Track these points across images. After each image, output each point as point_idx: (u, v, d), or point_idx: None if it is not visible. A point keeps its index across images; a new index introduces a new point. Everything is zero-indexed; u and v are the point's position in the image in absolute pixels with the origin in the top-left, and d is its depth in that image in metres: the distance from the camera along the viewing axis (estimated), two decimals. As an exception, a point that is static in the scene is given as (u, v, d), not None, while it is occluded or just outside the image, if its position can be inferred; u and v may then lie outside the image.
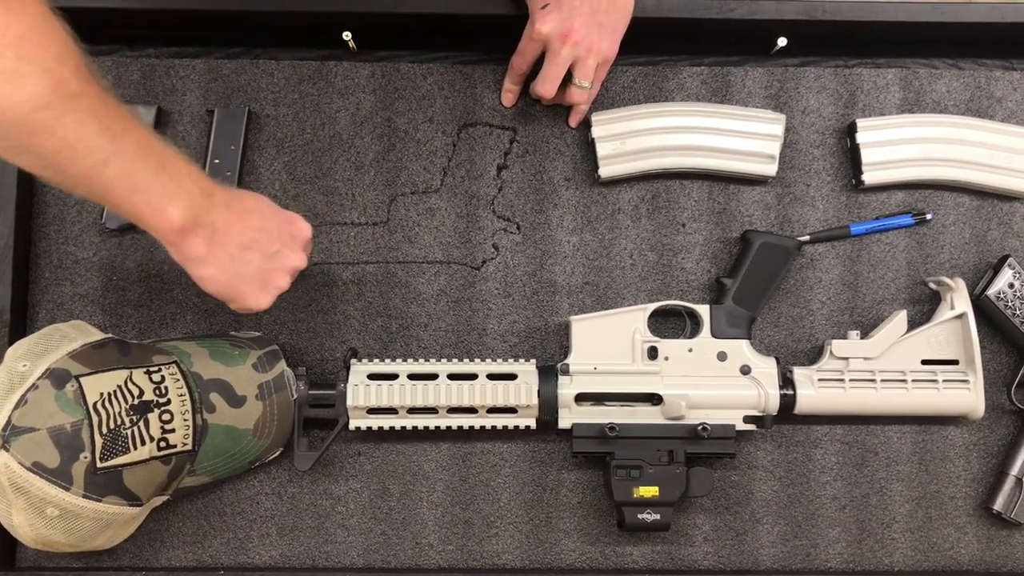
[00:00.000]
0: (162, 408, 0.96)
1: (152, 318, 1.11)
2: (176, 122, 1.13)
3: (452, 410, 1.04)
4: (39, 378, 0.92)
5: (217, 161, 1.11)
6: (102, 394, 0.93)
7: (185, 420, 0.97)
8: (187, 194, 0.83)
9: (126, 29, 1.16)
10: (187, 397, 0.98)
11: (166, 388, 0.97)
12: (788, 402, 1.05)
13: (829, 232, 1.13)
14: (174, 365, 0.99)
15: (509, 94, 1.13)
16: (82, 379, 0.93)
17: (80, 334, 0.99)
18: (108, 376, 0.94)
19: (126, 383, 0.95)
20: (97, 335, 1.00)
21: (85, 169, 0.76)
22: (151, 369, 0.97)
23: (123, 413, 0.93)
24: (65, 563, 1.08)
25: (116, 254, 1.12)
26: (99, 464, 0.91)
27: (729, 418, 1.05)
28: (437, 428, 1.05)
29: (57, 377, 0.92)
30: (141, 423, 0.94)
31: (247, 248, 0.90)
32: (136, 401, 0.94)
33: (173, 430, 0.96)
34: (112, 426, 0.92)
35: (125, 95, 1.13)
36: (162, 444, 0.95)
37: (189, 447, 0.98)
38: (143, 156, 0.79)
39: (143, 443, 0.94)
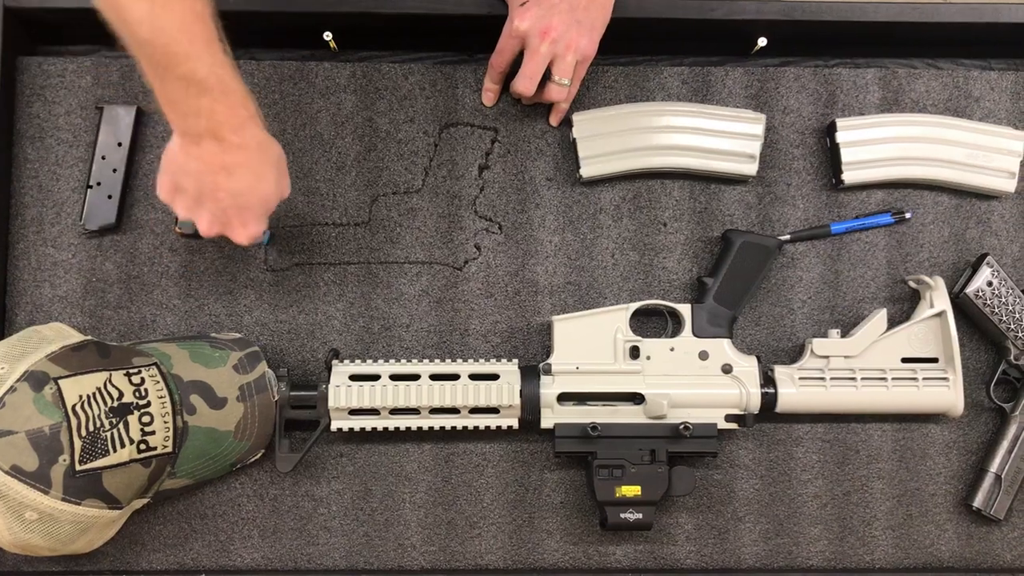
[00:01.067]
0: (142, 410, 0.95)
1: (132, 320, 1.11)
2: (156, 122, 1.12)
3: (434, 411, 1.04)
4: (17, 380, 0.91)
5: (197, 162, 1.10)
6: (81, 396, 0.92)
7: (165, 422, 0.97)
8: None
9: (105, 29, 1.14)
10: (167, 399, 0.97)
11: (146, 390, 0.96)
12: (769, 401, 1.06)
13: (809, 231, 1.14)
14: (154, 367, 0.98)
15: (490, 93, 1.13)
16: (61, 381, 0.92)
17: (59, 336, 0.98)
18: (87, 378, 0.94)
19: (105, 385, 0.94)
20: (76, 337, 0.99)
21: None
22: (131, 371, 0.96)
23: (102, 415, 0.93)
24: (45, 567, 1.07)
25: (95, 256, 1.11)
26: (78, 467, 0.91)
27: (711, 417, 1.05)
28: (419, 429, 1.04)
29: (35, 380, 0.92)
30: (121, 425, 0.94)
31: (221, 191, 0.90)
32: (116, 403, 0.94)
33: (153, 432, 0.96)
34: (91, 429, 0.92)
35: (104, 95, 1.12)
36: (142, 446, 0.95)
37: (170, 449, 0.97)
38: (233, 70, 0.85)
39: (123, 446, 0.93)
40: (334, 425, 1.03)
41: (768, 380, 1.07)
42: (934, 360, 1.08)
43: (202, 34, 0.82)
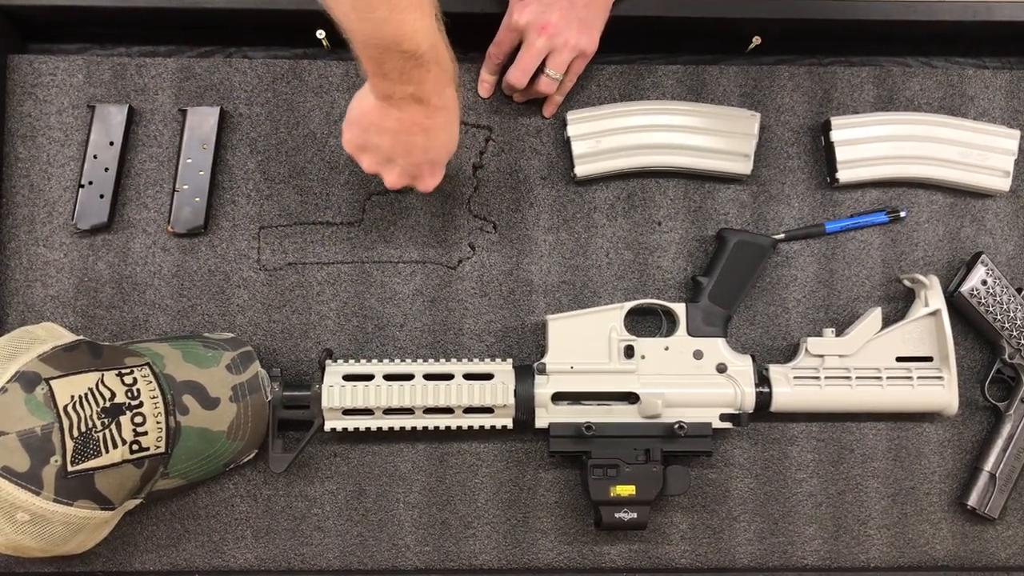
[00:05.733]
0: (134, 411, 0.95)
1: (124, 320, 1.10)
2: (148, 121, 1.12)
3: (428, 410, 1.03)
4: (8, 381, 0.91)
5: (189, 161, 1.10)
6: (73, 397, 0.92)
7: (158, 422, 0.96)
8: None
9: (97, 27, 1.15)
10: (160, 399, 0.97)
11: (138, 390, 0.96)
12: (764, 400, 1.06)
13: (804, 230, 1.14)
14: (146, 367, 0.98)
15: (485, 84, 1.13)
16: (52, 382, 0.92)
17: (51, 336, 0.98)
18: (79, 379, 0.93)
19: (97, 386, 0.94)
20: (68, 337, 0.99)
21: None
22: (123, 371, 0.96)
23: (94, 416, 0.92)
24: (36, 568, 1.06)
25: (87, 255, 1.10)
26: (70, 468, 0.90)
27: (705, 416, 1.05)
28: (413, 429, 1.04)
29: (27, 380, 0.91)
30: (113, 426, 0.93)
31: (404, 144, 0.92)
32: (108, 404, 0.93)
33: (146, 433, 0.95)
34: (83, 429, 0.91)
35: (96, 94, 1.12)
36: (135, 447, 0.94)
37: (162, 450, 0.97)
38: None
39: (115, 446, 0.93)
40: (328, 425, 1.03)
41: (763, 379, 1.06)
42: (929, 359, 1.08)
43: (429, 8, 0.82)
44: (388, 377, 1.03)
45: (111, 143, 1.10)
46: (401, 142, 0.92)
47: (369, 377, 1.03)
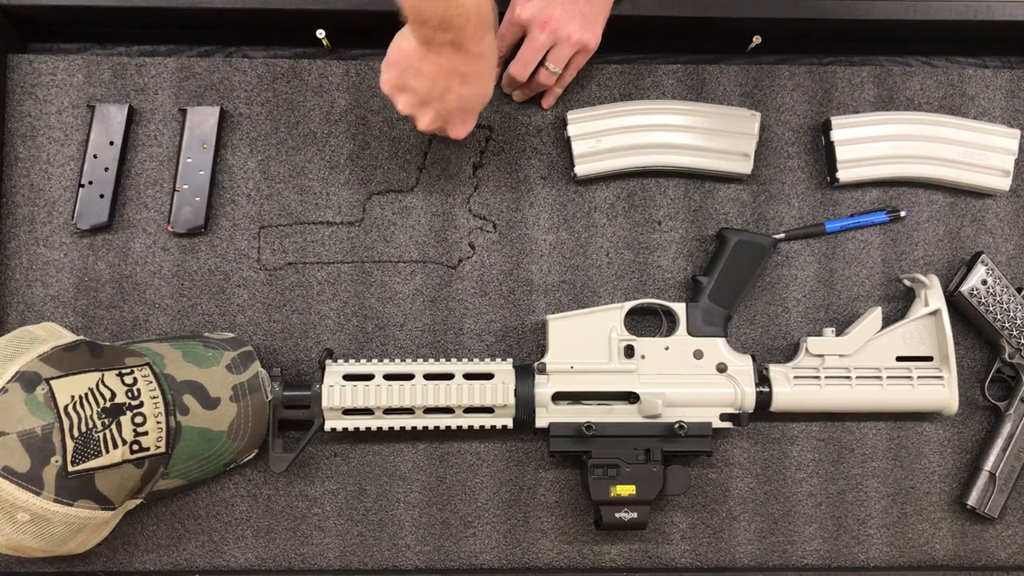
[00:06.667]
0: (135, 411, 0.95)
1: (124, 319, 1.10)
2: (148, 121, 1.12)
3: (429, 410, 1.03)
4: (9, 381, 0.91)
5: (189, 160, 1.10)
6: (73, 397, 0.92)
7: (158, 422, 0.96)
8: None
9: (97, 27, 1.15)
10: (160, 399, 0.97)
11: (139, 390, 0.96)
12: (764, 399, 1.06)
13: (804, 229, 1.14)
14: (147, 367, 0.98)
15: None
16: (53, 382, 0.92)
17: (51, 336, 0.98)
18: (79, 379, 0.93)
19: (98, 386, 0.94)
20: (68, 337, 0.99)
21: None
22: (123, 371, 0.96)
23: (95, 416, 0.92)
24: (37, 568, 1.06)
25: (87, 255, 1.10)
26: (70, 468, 0.90)
27: (706, 416, 1.05)
28: (414, 428, 1.04)
29: (27, 380, 0.91)
30: (113, 426, 0.93)
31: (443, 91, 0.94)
32: (108, 404, 0.93)
33: (146, 433, 0.95)
34: (84, 429, 0.91)
35: (96, 94, 1.12)
36: (135, 447, 0.94)
37: (162, 450, 0.97)
38: None
39: (115, 446, 0.93)
40: (328, 425, 1.03)
41: (763, 379, 1.06)
42: (929, 359, 1.08)
43: None
44: (388, 377, 1.03)
45: (111, 143, 1.10)
46: (438, 86, 0.93)
47: (369, 377, 1.03)
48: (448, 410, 1.04)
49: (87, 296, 1.10)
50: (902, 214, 1.14)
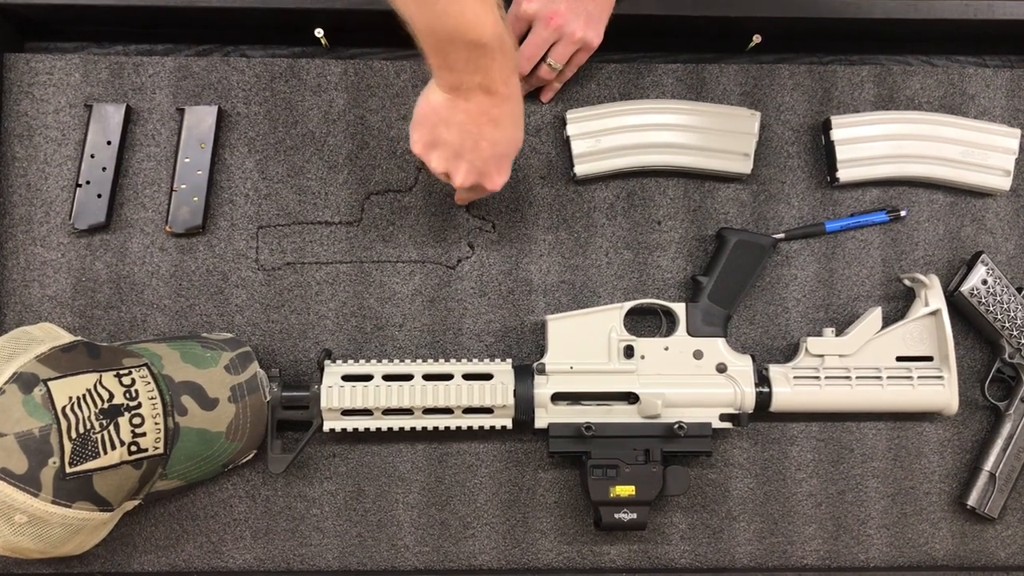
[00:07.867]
0: (133, 412, 0.94)
1: (122, 320, 1.10)
2: (145, 121, 1.11)
3: (428, 411, 1.03)
4: (6, 382, 0.91)
5: (187, 160, 1.09)
6: (71, 398, 0.91)
7: (156, 423, 0.96)
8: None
9: (94, 26, 1.14)
10: (158, 400, 0.96)
11: (137, 391, 0.95)
12: (764, 400, 1.06)
13: (804, 229, 1.13)
14: (145, 368, 0.98)
15: None
16: (50, 383, 0.91)
17: (48, 337, 0.97)
18: (77, 380, 0.93)
19: (95, 387, 0.93)
20: (66, 338, 0.98)
21: None
22: (121, 372, 0.96)
23: (93, 417, 0.92)
24: (35, 569, 1.06)
25: (85, 255, 1.10)
26: (68, 469, 0.90)
27: (705, 416, 1.05)
28: (413, 429, 1.04)
29: (25, 381, 0.91)
30: (111, 427, 0.93)
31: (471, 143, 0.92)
32: (106, 405, 0.93)
33: (144, 434, 0.95)
34: (81, 430, 0.91)
35: (93, 93, 1.11)
36: (133, 448, 0.94)
37: (161, 451, 0.97)
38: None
39: (113, 447, 0.93)
40: (327, 426, 1.03)
41: (763, 379, 1.06)
42: (929, 358, 1.08)
43: None
44: (387, 377, 1.03)
45: (108, 142, 1.09)
46: (470, 135, 0.91)
47: (368, 377, 1.03)
48: (447, 411, 1.03)
49: (85, 296, 1.10)
50: (902, 214, 1.14)
